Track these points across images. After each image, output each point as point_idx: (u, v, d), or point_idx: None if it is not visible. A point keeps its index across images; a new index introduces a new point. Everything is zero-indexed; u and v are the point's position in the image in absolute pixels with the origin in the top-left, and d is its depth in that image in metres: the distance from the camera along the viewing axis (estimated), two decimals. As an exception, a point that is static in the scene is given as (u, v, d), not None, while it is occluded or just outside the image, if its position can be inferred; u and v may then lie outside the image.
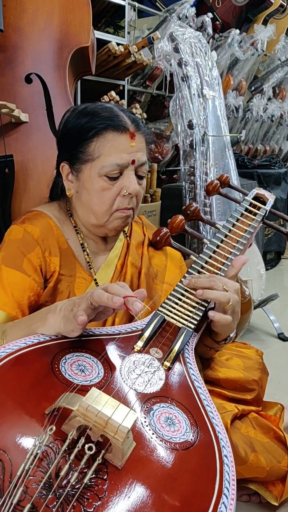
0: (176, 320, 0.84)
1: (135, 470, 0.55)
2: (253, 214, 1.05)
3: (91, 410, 0.55)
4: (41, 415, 0.58)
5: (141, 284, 1.04)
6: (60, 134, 0.97)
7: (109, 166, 0.88)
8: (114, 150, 0.88)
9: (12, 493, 0.49)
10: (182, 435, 0.63)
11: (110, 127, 0.88)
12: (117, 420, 0.54)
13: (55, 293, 0.95)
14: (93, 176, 0.89)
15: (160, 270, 1.09)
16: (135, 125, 0.91)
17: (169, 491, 0.54)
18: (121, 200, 0.91)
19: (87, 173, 0.90)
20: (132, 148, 0.89)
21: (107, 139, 0.88)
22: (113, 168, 0.88)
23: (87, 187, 0.91)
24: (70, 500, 0.50)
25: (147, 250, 1.09)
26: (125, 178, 0.90)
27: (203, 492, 0.55)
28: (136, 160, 0.90)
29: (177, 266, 1.11)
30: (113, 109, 0.91)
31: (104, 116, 0.89)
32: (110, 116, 0.89)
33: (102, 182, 0.89)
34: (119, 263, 1.04)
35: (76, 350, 0.72)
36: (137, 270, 1.05)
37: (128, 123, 0.89)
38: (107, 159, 0.88)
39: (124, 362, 0.73)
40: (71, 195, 0.96)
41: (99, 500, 0.51)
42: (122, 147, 0.88)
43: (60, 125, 0.97)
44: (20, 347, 0.69)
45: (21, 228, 0.94)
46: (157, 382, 0.71)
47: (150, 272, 1.07)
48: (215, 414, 0.68)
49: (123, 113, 0.91)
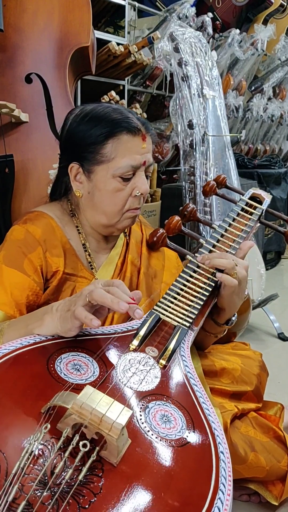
0: (171, 319, 0.84)
1: (131, 467, 0.56)
2: (249, 214, 1.05)
3: (86, 408, 0.55)
4: (37, 414, 0.59)
5: (140, 283, 1.05)
6: (65, 136, 0.96)
7: (125, 168, 0.90)
8: (128, 151, 0.90)
9: (8, 491, 0.49)
10: (178, 432, 0.63)
11: (125, 129, 0.89)
12: (111, 417, 0.55)
13: (58, 292, 0.96)
14: (108, 177, 0.91)
15: (158, 270, 1.10)
16: (145, 127, 0.93)
17: (165, 487, 0.54)
18: (132, 200, 0.94)
19: (101, 174, 0.91)
20: (144, 149, 0.92)
21: (122, 141, 0.89)
22: (128, 170, 0.90)
23: (101, 188, 0.92)
24: (65, 497, 0.50)
25: (146, 249, 1.11)
26: (136, 178, 0.92)
27: (199, 488, 0.56)
28: (147, 161, 0.93)
29: (174, 266, 1.13)
30: (122, 111, 0.93)
31: (117, 118, 0.90)
32: (122, 118, 0.90)
33: (116, 183, 0.91)
34: (120, 261, 1.05)
35: (72, 349, 0.72)
36: (136, 268, 1.07)
37: (140, 125, 0.91)
38: (122, 160, 0.89)
39: (119, 360, 0.73)
40: (81, 196, 0.96)
41: (94, 497, 0.51)
42: (135, 149, 0.90)
43: (64, 126, 0.97)
44: (17, 347, 0.70)
45: (23, 228, 0.95)
46: (152, 380, 0.71)
47: (149, 272, 1.08)
48: (211, 412, 0.68)
49: (132, 114, 0.93)
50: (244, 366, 1.10)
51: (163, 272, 1.11)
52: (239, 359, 1.13)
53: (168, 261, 1.13)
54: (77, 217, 1.01)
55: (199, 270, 0.93)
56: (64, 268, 0.96)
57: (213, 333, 1.03)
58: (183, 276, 0.92)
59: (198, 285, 0.91)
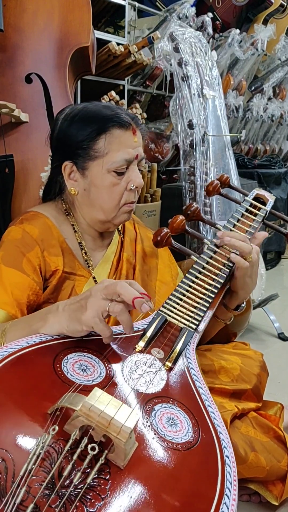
0: (178, 321, 0.84)
1: (137, 470, 0.55)
2: (254, 215, 1.05)
3: (94, 410, 0.55)
4: (43, 415, 0.58)
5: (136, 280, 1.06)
6: (57, 135, 0.97)
7: (119, 162, 0.91)
8: (122, 146, 0.91)
9: (15, 493, 0.49)
10: (184, 436, 0.63)
11: (117, 124, 0.91)
12: (120, 420, 0.54)
13: (58, 291, 0.96)
14: (103, 172, 0.92)
15: (152, 267, 1.13)
16: (134, 122, 0.95)
17: (171, 491, 0.54)
18: (128, 194, 0.95)
19: (96, 170, 0.93)
20: (136, 143, 0.94)
21: (114, 136, 0.91)
22: (122, 163, 0.92)
23: (97, 183, 0.94)
24: (73, 500, 0.50)
25: (140, 247, 1.13)
26: (130, 172, 0.94)
27: (205, 493, 0.55)
28: (139, 154, 0.95)
29: (166, 265, 1.15)
30: (112, 107, 0.95)
31: (108, 114, 0.92)
32: (113, 114, 0.92)
33: (111, 177, 0.92)
34: (115, 259, 1.07)
35: (78, 350, 0.72)
36: (131, 266, 1.09)
37: (129, 119, 0.93)
38: (116, 154, 0.91)
39: (126, 362, 0.73)
40: (77, 194, 0.97)
41: (101, 500, 0.51)
42: (127, 143, 0.92)
43: (55, 126, 0.98)
44: (22, 346, 0.69)
45: (20, 228, 0.95)
46: (158, 383, 0.71)
47: (144, 269, 1.10)
48: (217, 415, 0.68)
49: (120, 110, 0.95)
50: (243, 366, 1.10)
51: (157, 270, 1.13)
52: (239, 359, 1.13)
53: (161, 260, 1.15)
54: (73, 215, 1.02)
55: (205, 271, 0.93)
56: (64, 267, 0.96)
57: (222, 319, 1.04)
58: (188, 277, 0.92)
59: (204, 286, 0.91)
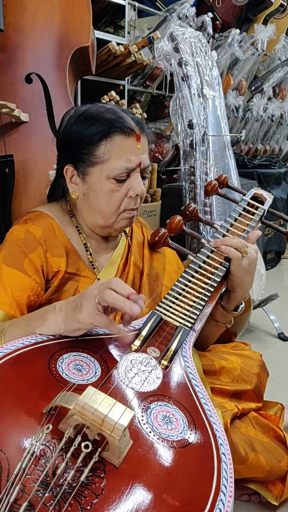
0: (173, 319, 0.84)
1: (132, 468, 0.56)
2: (251, 214, 1.05)
3: (88, 409, 0.55)
4: (38, 415, 0.59)
5: (143, 285, 1.05)
6: (61, 137, 0.96)
7: (119, 169, 0.89)
8: (123, 153, 0.89)
9: (9, 492, 0.49)
10: (180, 433, 0.63)
11: (119, 130, 0.88)
12: (114, 418, 0.55)
13: (60, 292, 0.95)
14: (102, 178, 0.90)
15: (159, 272, 1.11)
16: (139, 127, 0.92)
17: (167, 488, 0.54)
18: (128, 201, 0.93)
19: (96, 176, 0.91)
20: (139, 150, 0.91)
21: (116, 142, 0.88)
22: (122, 171, 0.89)
23: (96, 189, 0.92)
24: (67, 498, 0.50)
25: (148, 251, 1.11)
26: (132, 179, 0.92)
27: (201, 490, 0.56)
28: (142, 162, 0.92)
29: (174, 270, 1.13)
30: (116, 111, 0.92)
31: (110, 118, 0.89)
32: (115, 118, 0.89)
33: (110, 184, 0.90)
34: (122, 262, 1.05)
35: (74, 349, 0.72)
36: (139, 270, 1.07)
37: (133, 125, 0.90)
38: (116, 162, 0.89)
39: (121, 361, 0.73)
40: (77, 198, 0.96)
41: (96, 498, 0.51)
42: (129, 150, 0.89)
43: (60, 127, 0.97)
44: (18, 347, 0.70)
45: (23, 228, 0.94)
46: (154, 381, 0.71)
47: (151, 274, 1.08)
48: (213, 413, 0.68)
49: (126, 114, 0.92)
50: (244, 366, 1.10)
51: (164, 275, 1.11)
52: (239, 359, 1.13)
53: (169, 264, 1.13)
54: (76, 218, 1.01)
55: (201, 270, 0.93)
56: (66, 268, 0.95)
57: (222, 323, 1.03)
58: (184, 277, 0.92)
59: (200, 285, 0.91)
